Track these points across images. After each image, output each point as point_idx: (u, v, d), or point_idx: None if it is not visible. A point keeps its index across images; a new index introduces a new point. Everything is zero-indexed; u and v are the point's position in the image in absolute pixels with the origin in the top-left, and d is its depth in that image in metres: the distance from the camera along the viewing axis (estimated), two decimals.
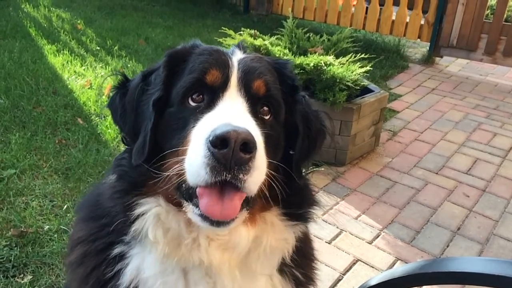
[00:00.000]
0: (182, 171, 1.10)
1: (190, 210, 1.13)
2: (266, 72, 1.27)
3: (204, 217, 1.08)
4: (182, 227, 1.19)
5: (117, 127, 1.38)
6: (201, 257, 1.18)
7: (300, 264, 1.38)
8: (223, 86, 1.19)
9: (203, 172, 1.03)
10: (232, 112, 1.12)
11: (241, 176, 1.04)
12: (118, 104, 1.31)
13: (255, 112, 1.20)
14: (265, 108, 1.24)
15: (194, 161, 1.06)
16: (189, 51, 1.29)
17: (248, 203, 1.16)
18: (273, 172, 1.16)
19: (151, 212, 1.20)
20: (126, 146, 1.35)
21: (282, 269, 1.34)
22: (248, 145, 1.01)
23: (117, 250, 1.24)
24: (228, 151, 1.00)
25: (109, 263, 1.24)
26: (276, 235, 1.26)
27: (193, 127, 1.13)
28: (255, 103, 1.21)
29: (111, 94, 1.38)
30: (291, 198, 1.25)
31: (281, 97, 1.28)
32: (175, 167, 1.12)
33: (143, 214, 1.20)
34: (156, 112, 1.20)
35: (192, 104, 1.20)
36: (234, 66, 1.22)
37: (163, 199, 1.20)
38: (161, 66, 1.26)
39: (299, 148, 1.30)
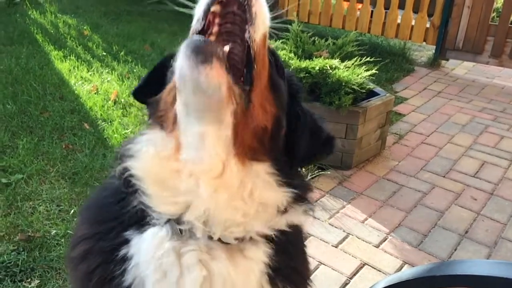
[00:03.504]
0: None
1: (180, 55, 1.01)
2: None
3: (190, 50, 0.97)
4: (171, 154, 1.12)
5: None
6: (186, 192, 1.10)
7: (291, 280, 1.26)
8: None
9: (198, 12, 1.02)
10: None
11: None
12: None
13: None
14: None
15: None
16: None
17: (246, 74, 1.06)
18: (273, 119, 1.12)
19: (146, 136, 1.19)
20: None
21: (273, 282, 1.21)
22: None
23: (123, 251, 1.19)
24: None
25: (116, 263, 1.18)
26: (266, 190, 1.14)
27: None
28: None
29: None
30: (284, 169, 1.17)
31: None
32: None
33: (136, 144, 1.19)
34: None
35: None
36: None
37: (159, 127, 1.17)
38: None
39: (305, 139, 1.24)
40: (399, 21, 6.89)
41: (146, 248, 1.15)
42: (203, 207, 1.09)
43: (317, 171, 3.76)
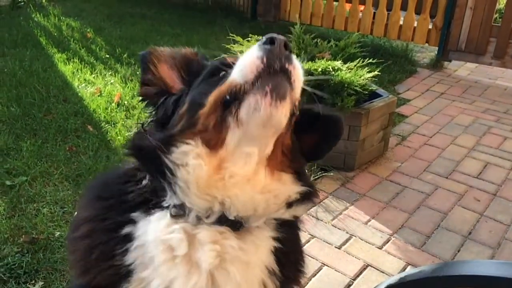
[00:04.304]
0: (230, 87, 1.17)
1: (244, 107, 1.14)
2: None
3: (272, 86, 1.12)
4: (215, 168, 1.21)
5: None
6: (222, 194, 1.20)
7: (292, 265, 1.36)
8: None
9: (258, 62, 1.12)
10: None
11: (287, 66, 1.14)
12: None
13: None
14: None
15: (246, 59, 1.15)
16: None
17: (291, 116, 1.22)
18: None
19: (192, 149, 1.22)
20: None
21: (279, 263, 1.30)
22: (288, 46, 1.15)
23: (127, 229, 1.22)
24: (276, 46, 1.13)
25: (119, 241, 1.21)
26: (284, 187, 1.29)
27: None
28: None
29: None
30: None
31: None
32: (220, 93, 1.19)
33: (182, 154, 1.22)
34: None
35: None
36: None
37: (201, 142, 1.22)
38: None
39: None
40: (401, 22, 6.90)
41: (154, 230, 1.20)
42: (229, 197, 1.20)
43: (320, 172, 3.76)
